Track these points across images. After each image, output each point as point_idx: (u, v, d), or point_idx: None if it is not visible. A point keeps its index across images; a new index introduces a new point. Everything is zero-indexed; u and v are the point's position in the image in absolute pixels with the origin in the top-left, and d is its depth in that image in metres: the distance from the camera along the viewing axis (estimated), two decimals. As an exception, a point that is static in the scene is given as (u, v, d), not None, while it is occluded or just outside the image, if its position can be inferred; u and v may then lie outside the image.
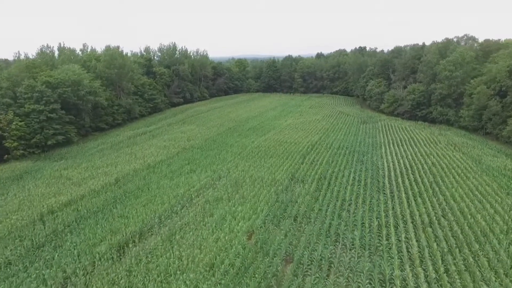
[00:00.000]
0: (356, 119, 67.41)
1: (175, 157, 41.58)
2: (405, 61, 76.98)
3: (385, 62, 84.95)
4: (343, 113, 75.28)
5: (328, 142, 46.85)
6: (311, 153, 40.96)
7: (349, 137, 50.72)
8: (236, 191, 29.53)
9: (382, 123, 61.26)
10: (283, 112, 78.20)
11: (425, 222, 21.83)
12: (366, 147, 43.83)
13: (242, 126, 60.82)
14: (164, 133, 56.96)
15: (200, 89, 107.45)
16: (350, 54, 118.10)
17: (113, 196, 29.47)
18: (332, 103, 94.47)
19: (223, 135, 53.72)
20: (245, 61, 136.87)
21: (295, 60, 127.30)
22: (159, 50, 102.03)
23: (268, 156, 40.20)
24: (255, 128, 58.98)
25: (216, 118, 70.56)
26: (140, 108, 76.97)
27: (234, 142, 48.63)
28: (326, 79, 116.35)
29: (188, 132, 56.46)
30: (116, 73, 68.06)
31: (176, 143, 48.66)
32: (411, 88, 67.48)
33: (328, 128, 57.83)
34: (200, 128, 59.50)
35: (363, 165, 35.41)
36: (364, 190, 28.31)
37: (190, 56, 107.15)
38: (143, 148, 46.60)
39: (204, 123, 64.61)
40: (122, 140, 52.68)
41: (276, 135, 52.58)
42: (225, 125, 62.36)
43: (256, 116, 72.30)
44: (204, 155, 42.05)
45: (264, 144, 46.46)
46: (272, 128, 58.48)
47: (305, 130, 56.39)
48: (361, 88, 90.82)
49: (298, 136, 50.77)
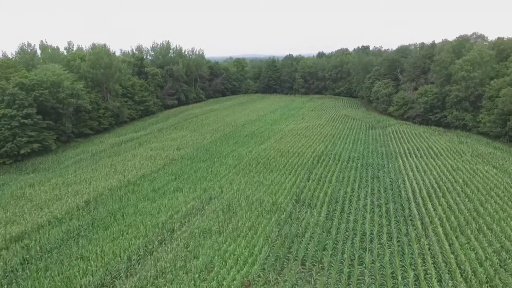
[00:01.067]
0: (363, 124, 61.99)
1: (161, 171, 36.07)
2: (415, 60, 71.58)
3: (393, 62, 79.53)
4: (348, 117, 69.85)
5: (335, 152, 41.41)
6: (318, 167, 35.49)
7: (358, 145, 45.28)
8: (228, 219, 24.09)
9: (392, 129, 55.85)
10: (284, 115, 72.75)
11: (478, 275, 16.34)
12: (380, 158, 38.38)
13: (239, 132, 55.35)
14: (153, 140, 51.45)
15: (196, 90, 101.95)
16: (353, 53, 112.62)
17: (78, 225, 23.97)
18: (335, 105, 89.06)
19: (218, 143, 48.25)
20: (243, 61, 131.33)
21: (295, 59, 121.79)
22: (152, 49, 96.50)
23: (267, 170, 34.73)
24: (253, 134, 53.52)
25: (211, 122, 65.06)
26: (130, 111, 71.47)
27: (230, 152, 43.18)
28: (329, 80, 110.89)
29: (179, 139, 50.96)
30: (102, 74, 62.51)
31: (164, 152, 43.16)
32: (423, 89, 62.08)
33: (333, 135, 52.39)
34: (192, 134, 54.01)
35: (380, 183, 29.96)
36: (388, 220, 22.85)
37: (185, 55, 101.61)
38: (126, 159, 41.09)
39: (198, 128, 59.11)
40: (104, 149, 47.16)
41: (277, 143, 47.13)
42: (221, 130, 56.87)
43: (255, 120, 66.83)
44: (194, 168, 36.58)
45: (263, 154, 40.99)
46: (272, 135, 53.02)
47: (308, 137, 50.93)
48: (367, 89, 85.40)
49: (302, 145, 45.31)
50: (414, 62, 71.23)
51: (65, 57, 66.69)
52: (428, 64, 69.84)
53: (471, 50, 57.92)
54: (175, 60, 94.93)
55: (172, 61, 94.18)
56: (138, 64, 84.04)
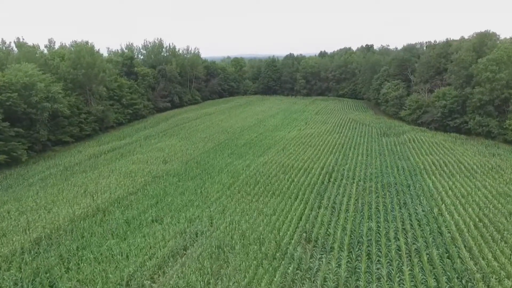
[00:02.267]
0: (373, 130, 55.86)
1: (140, 192, 29.86)
2: (428, 60, 65.49)
3: (402, 62, 73.43)
4: (356, 122, 63.73)
5: (348, 167, 35.26)
6: (330, 188, 29.34)
7: (373, 158, 39.15)
8: (217, 271, 17.95)
9: (408, 136, 49.75)
10: (285, 120, 66.60)
11: None
12: (403, 176, 32.23)
13: (236, 140, 49.17)
14: (137, 150, 45.23)
15: (191, 91, 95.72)
16: (357, 53, 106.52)
17: (14, 280, 17.76)
18: (341, 107, 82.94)
19: (211, 154, 42.07)
20: (241, 60, 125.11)
21: (297, 59, 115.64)
22: (143, 47, 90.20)
23: (268, 193, 28.56)
24: (252, 143, 47.36)
25: (205, 128, 58.84)
26: (117, 116, 65.19)
27: (224, 166, 37.01)
28: (332, 80, 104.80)
29: (167, 149, 44.75)
30: (84, 74, 56.22)
31: (148, 167, 36.96)
32: (440, 92, 55.97)
33: (343, 144, 46.26)
34: (183, 143, 47.80)
35: (410, 214, 23.80)
36: (435, 278, 16.68)
37: (180, 54, 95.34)
38: (101, 175, 34.85)
39: (190, 136, 52.89)
40: (80, 161, 40.92)
41: (279, 154, 40.97)
42: (215, 138, 50.68)
43: (254, 125, 60.64)
44: (181, 189, 30.40)
45: (263, 170, 34.82)
46: (273, 144, 46.86)
47: (315, 146, 44.80)
48: (374, 91, 79.30)
49: (308, 157, 39.16)
50: (428, 61, 65.14)
51: (43, 56, 60.35)
52: (444, 63, 63.88)
53: (494, 48, 51.89)
54: (168, 59, 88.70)
55: (165, 60, 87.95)
56: (127, 64, 77.70)
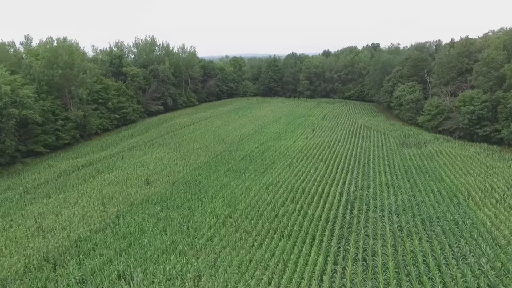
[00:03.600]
0: (390, 139, 49.13)
1: (109, 229, 23.04)
2: (449, 59, 58.76)
3: (418, 61, 66.68)
4: (368, 128, 57.00)
5: (372, 193, 28.51)
6: (354, 226, 22.57)
7: (399, 178, 32.41)
8: None
9: (433, 148, 43.04)
10: (289, 126, 59.84)
11: None
12: (443, 206, 25.49)
13: (234, 152, 42.40)
14: (118, 165, 38.43)
15: (187, 93, 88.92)
16: (365, 52, 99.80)
17: None
18: (348, 111, 76.20)
19: (204, 171, 35.30)
20: (241, 60, 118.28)
21: (299, 58, 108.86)
22: (134, 45, 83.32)
23: (275, 233, 21.80)
24: (252, 156, 40.60)
25: (199, 136, 52.03)
26: (102, 121, 58.42)
27: (219, 188, 30.26)
28: (337, 81, 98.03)
29: (153, 163, 37.96)
30: (61, 75, 49.42)
31: (126, 189, 30.17)
32: (467, 96, 49.22)
33: (359, 158, 39.54)
34: (172, 156, 41.02)
35: (475, 275, 17.04)
36: None
37: (174, 53, 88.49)
38: (66, 201, 28.04)
39: (181, 146, 46.10)
40: (46, 181, 34.07)
41: (285, 172, 34.21)
42: (210, 149, 43.91)
43: (254, 133, 53.85)
44: (163, 224, 23.65)
45: (266, 196, 28.07)
46: (277, 157, 40.10)
47: (326, 161, 38.06)
48: (386, 93, 72.53)
49: (320, 177, 32.41)
50: (448, 61, 58.39)
51: (17, 54, 53.55)
52: (467, 63, 57.21)
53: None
54: (161, 58, 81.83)
55: (157, 59, 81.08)
56: (115, 63, 70.93)
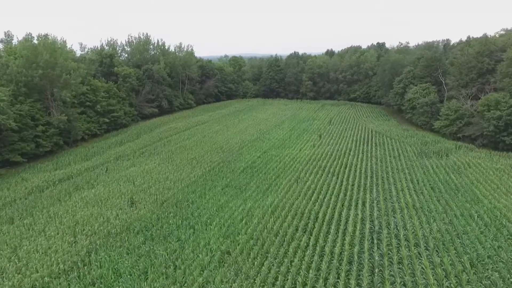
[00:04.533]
0: (407, 147, 44.28)
1: (74, 273, 18.14)
2: (468, 59, 53.95)
3: (432, 61, 61.87)
4: (380, 135, 52.16)
5: (400, 220, 23.64)
6: (388, 278, 17.71)
7: (429, 199, 27.57)
8: None
9: (457, 159, 38.21)
10: (294, 131, 54.94)
11: None
12: (491, 239, 20.66)
13: (234, 163, 37.52)
14: (100, 179, 33.51)
15: (183, 94, 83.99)
16: (371, 51, 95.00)
17: None
18: (356, 115, 71.35)
19: (199, 187, 30.43)
20: (241, 59, 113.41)
21: (302, 58, 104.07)
22: (127, 43, 78.37)
23: (287, 284, 16.96)
24: (254, 168, 35.72)
25: (195, 143, 47.13)
26: (90, 126, 53.59)
27: (215, 211, 25.42)
28: (342, 82, 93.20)
29: (141, 177, 33.06)
30: (42, 76, 44.57)
31: (105, 212, 25.27)
32: (491, 99, 44.39)
33: (376, 171, 34.67)
34: (164, 167, 36.11)
35: None
36: None
37: (170, 52, 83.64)
38: (32, 228, 23.14)
39: (174, 155, 41.21)
40: (13, 200, 29.13)
41: (293, 190, 29.31)
42: (207, 159, 39.02)
43: (255, 139, 48.95)
44: (143, 264, 18.75)
45: (271, 223, 23.19)
46: (283, 169, 35.21)
47: (339, 175, 33.18)
48: (396, 95, 67.70)
49: (334, 197, 27.54)
50: (467, 61, 53.57)
51: (-6, 53, 48.71)
52: (488, 64, 52.42)
53: None
54: (156, 58, 76.96)
55: (152, 59, 76.20)
56: (106, 63, 66.08)
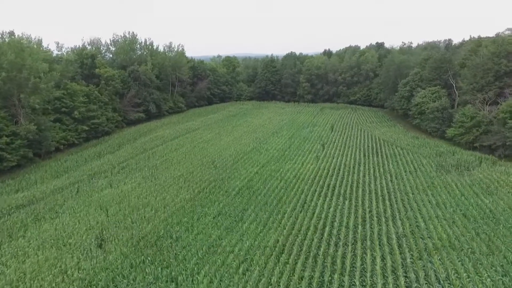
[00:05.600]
0: (423, 160, 39.45)
1: None
2: (483, 61, 49.45)
3: (442, 62, 57.30)
4: (389, 144, 47.36)
5: (446, 272, 18.65)
6: None
7: (466, 233, 22.69)
8: None
9: (482, 175, 33.49)
10: (293, 140, 49.85)
11: None
12: None
13: (227, 182, 32.24)
14: (67, 205, 27.94)
15: (173, 98, 78.40)
16: (372, 51, 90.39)
17: None
18: (358, 119, 66.57)
19: (186, 215, 25.11)
20: (235, 60, 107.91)
21: (299, 58, 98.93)
22: (112, 43, 72.52)
23: None
24: (251, 188, 30.49)
25: (184, 155, 41.73)
26: (66, 134, 47.92)
27: (204, 253, 20.16)
28: (342, 84, 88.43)
29: (116, 204, 27.61)
30: (6, 79, 38.80)
31: (59, 262, 19.83)
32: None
33: (394, 191, 29.72)
34: (145, 189, 30.69)
35: None
36: None
37: (159, 52, 78.01)
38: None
39: (159, 172, 35.78)
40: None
41: (299, 220, 24.16)
42: (196, 177, 33.68)
43: (252, 150, 43.74)
44: None
45: (276, 275, 18.03)
46: (284, 190, 30.03)
47: (352, 199, 28.15)
48: (402, 99, 63.02)
49: (352, 232, 22.46)
50: (484, 63, 49.05)
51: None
52: (505, 65, 47.98)
53: None
54: (143, 58, 71.28)
55: (138, 59, 70.53)
56: (87, 64, 60.27)
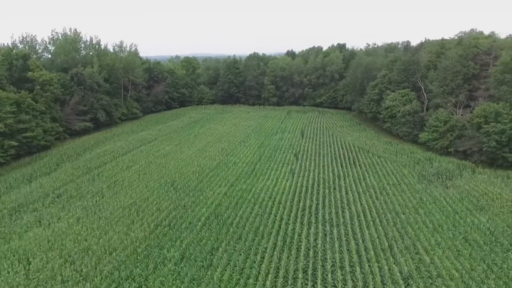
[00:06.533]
0: (403, 170, 36.83)
1: None
2: (452, 63, 48.54)
3: (410, 64, 56.12)
4: (365, 151, 44.56)
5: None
6: None
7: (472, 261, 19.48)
8: None
9: (467, 186, 31.34)
10: (263, 149, 45.28)
11: None
12: None
13: (190, 210, 26.77)
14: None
15: (127, 103, 70.44)
16: (336, 52, 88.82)
17: None
18: (327, 124, 63.78)
19: (137, 267, 19.38)
20: (194, 61, 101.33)
21: (263, 59, 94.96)
22: (51, 41, 63.05)
23: None
24: (220, 217, 25.33)
25: (137, 176, 35.30)
26: (-12, 152, 39.15)
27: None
28: (307, 86, 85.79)
29: (42, 252, 21.02)
30: None
31: None
32: (488, 110, 38.61)
33: (384, 213, 26.21)
34: (85, 225, 24.24)
35: None
36: None
37: (108, 52, 69.71)
38: None
39: (105, 200, 29.24)
40: None
41: (283, 262, 19.50)
42: (152, 205, 27.73)
43: (218, 164, 38.41)
44: None
45: None
46: (260, 219, 25.27)
47: (339, 225, 24.11)
48: (371, 102, 61.19)
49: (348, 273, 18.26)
50: (453, 66, 48.10)
51: None
52: (473, 68, 47.39)
53: None
54: (89, 59, 62.79)
55: (84, 61, 61.95)
56: (18, 66, 50.99)
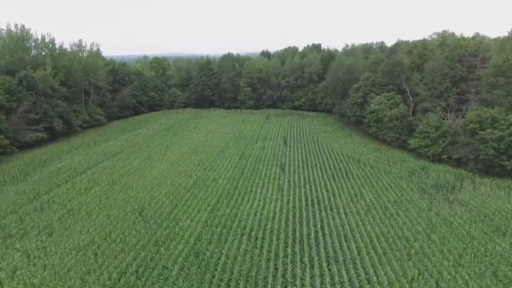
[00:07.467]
0: (400, 183, 33.68)
1: None
2: (440, 65, 46.45)
3: (394, 66, 53.75)
4: (355, 161, 41.21)
5: None
6: None
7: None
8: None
9: (474, 201, 28.57)
10: (245, 161, 40.67)
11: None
12: None
13: (163, 248, 21.65)
14: None
15: (88, 109, 63.17)
16: (314, 53, 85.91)
17: None
18: (310, 129, 60.26)
19: None
20: (164, 61, 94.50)
21: (238, 60, 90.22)
22: (-5, 39, 54.81)
23: None
24: (199, 257, 20.47)
25: (97, 202, 29.44)
26: None
27: None
28: (285, 88, 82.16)
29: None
30: None
31: None
32: (483, 115, 36.42)
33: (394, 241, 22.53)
34: (24, 278, 18.49)
35: None
36: None
37: (65, 52, 62.13)
38: None
39: (54, 237, 23.39)
40: None
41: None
42: (114, 243, 22.32)
43: (194, 183, 33.31)
44: None
45: None
46: (250, 257, 20.71)
47: (345, 260, 20.06)
48: (355, 105, 58.36)
49: None
50: (440, 68, 46.00)
51: None
52: (460, 71, 45.57)
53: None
54: (41, 60, 55.16)
55: (35, 62, 54.26)
56: (-49, 69, 42.99)
